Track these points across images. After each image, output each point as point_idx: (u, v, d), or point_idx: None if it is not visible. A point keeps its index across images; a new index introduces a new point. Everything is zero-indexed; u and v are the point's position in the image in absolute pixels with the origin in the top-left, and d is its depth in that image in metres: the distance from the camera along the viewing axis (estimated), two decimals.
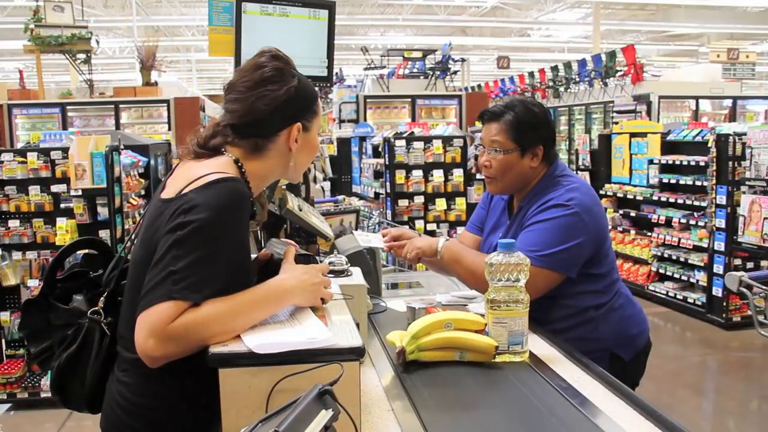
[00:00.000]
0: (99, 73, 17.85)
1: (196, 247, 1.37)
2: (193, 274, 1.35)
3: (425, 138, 6.45)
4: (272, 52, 1.62)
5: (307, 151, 1.67)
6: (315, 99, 1.66)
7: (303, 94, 1.61)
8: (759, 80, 22.34)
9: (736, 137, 6.19)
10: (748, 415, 4.73)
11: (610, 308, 2.28)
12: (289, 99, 1.56)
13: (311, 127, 1.64)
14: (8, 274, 4.59)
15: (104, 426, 1.53)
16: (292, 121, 1.58)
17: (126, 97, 8.73)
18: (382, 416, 1.57)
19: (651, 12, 19.97)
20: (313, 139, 1.67)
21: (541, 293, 2.13)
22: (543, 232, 2.17)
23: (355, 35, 22.55)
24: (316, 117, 1.65)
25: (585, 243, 2.19)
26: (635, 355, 2.32)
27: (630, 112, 11.22)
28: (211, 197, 1.41)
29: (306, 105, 1.62)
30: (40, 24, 8.39)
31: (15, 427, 4.56)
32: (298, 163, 1.66)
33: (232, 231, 1.43)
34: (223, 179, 1.45)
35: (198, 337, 1.33)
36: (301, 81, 1.61)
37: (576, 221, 2.17)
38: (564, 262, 2.15)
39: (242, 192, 1.47)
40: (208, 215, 1.39)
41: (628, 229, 7.92)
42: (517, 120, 2.27)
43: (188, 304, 1.34)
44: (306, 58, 2.91)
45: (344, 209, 3.46)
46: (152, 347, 1.32)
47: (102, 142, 4.50)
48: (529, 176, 2.33)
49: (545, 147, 2.31)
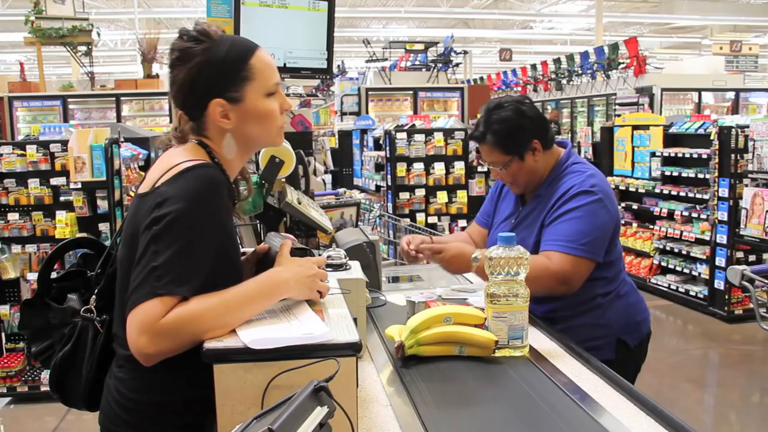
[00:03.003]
0: (100, 65, 17.88)
1: (174, 240, 1.35)
2: (174, 268, 1.33)
3: (426, 131, 6.43)
4: (182, 34, 1.51)
5: (255, 121, 1.52)
6: (237, 64, 1.48)
7: (214, 67, 1.47)
8: (762, 72, 22.29)
9: (738, 130, 6.16)
10: (750, 408, 4.72)
11: (617, 295, 2.31)
12: (194, 79, 1.47)
13: (243, 96, 1.49)
14: (8, 267, 4.59)
15: (102, 421, 1.53)
16: (208, 100, 1.48)
17: (127, 90, 8.74)
18: (380, 411, 1.55)
19: (654, 4, 19.92)
20: (255, 107, 1.50)
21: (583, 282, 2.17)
22: (577, 222, 2.18)
23: (358, 27, 22.54)
24: (249, 82, 1.48)
25: (609, 228, 2.23)
26: (639, 342, 2.35)
27: (632, 104, 11.19)
28: (182, 188, 1.39)
29: (222, 78, 1.47)
30: (40, 16, 8.38)
31: (15, 421, 4.56)
32: (252, 136, 1.55)
33: (207, 218, 1.40)
34: (191, 167, 1.42)
35: (190, 332, 1.31)
36: (211, 54, 1.47)
37: (602, 207, 2.20)
38: (599, 248, 2.19)
39: (212, 177, 1.43)
40: (180, 206, 1.36)
41: (630, 221, 7.90)
42: (499, 136, 2.29)
43: (177, 298, 1.32)
44: (305, 50, 2.89)
45: (345, 202, 3.44)
46: (144, 344, 1.31)
47: (102, 135, 4.48)
48: (541, 168, 2.35)
49: (539, 138, 2.31)
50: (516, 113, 2.29)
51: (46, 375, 4.70)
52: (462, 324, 1.85)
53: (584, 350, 1.92)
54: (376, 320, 2.21)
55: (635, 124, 7.96)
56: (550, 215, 2.26)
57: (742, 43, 17.87)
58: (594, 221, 2.18)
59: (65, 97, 8.64)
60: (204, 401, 1.31)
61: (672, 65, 16.14)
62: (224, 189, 1.47)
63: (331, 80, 12.56)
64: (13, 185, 4.63)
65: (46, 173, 4.66)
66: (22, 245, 4.63)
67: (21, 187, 4.63)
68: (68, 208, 4.60)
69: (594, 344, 2.17)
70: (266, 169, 2.38)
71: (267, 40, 2.75)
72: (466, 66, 15.37)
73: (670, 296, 7.13)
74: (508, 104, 2.32)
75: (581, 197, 2.21)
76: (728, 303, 6.36)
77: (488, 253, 1.84)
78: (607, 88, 12.57)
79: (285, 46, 2.80)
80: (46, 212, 4.66)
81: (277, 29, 2.78)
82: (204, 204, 1.40)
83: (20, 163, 4.62)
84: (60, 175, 4.63)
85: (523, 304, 1.83)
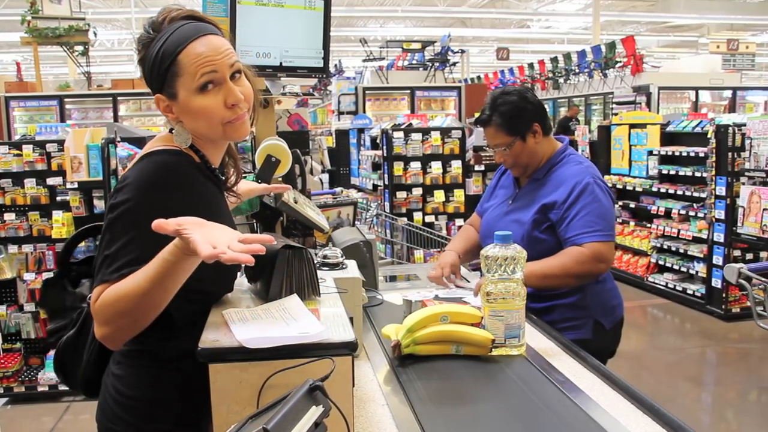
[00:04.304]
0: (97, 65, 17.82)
1: (126, 228, 1.34)
2: (124, 256, 1.33)
3: (423, 129, 6.42)
4: (144, 26, 1.48)
5: (191, 118, 1.45)
6: (166, 60, 1.41)
7: (150, 63, 1.43)
8: (758, 71, 22.33)
9: (735, 128, 6.16)
10: (747, 406, 4.73)
11: (596, 280, 2.48)
12: (145, 74, 1.46)
13: (176, 93, 1.42)
14: (4, 267, 4.58)
15: (99, 418, 1.52)
16: (154, 93, 1.46)
17: (124, 90, 8.71)
18: (376, 411, 1.55)
19: (651, 3, 19.94)
20: (187, 105, 1.43)
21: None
22: (596, 211, 2.37)
23: (355, 27, 22.52)
24: (179, 78, 1.41)
25: (614, 212, 2.51)
26: (614, 325, 2.54)
27: (629, 103, 11.21)
28: (137, 175, 1.38)
29: (155, 74, 1.43)
30: (37, 16, 8.36)
31: (12, 421, 4.55)
32: (197, 131, 1.47)
33: (161, 205, 1.35)
34: (151, 152, 1.41)
35: (114, 312, 1.30)
36: (150, 50, 1.43)
37: (606, 192, 2.44)
38: (614, 229, 2.46)
39: (168, 163, 1.41)
40: (133, 193, 1.35)
41: (628, 220, 7.90)
42: (505, 117, 2.49)
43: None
44: (302, 49, 2.88)
45: (342, 201, 3.43)
46: (96, 330, 1.34)
47: (98, 135, 4.47)
48: (540, 151, 2.54)
49: (539, 122, 2.52)
50: (520, 98, 2.52)
51: (43, 375, 4.69)
52: (459, 323, 1.85)
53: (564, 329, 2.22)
54: (373, 319, 2.21)
55: (632, 123, 7.96)
56: (567, 210, 2.40)
57: (739, 42, 17.89)
58: (608, 207, 2.43)
59: (62, 97, 8.62)
60: (200, 399, 1.31)
61: (669, 64, 16.19)
62: (187, 174, 1.45)
63: (328, 79, 12.56)
64: (10, 185, 4.61)
65: (42, 173, 4.65)
66: (18, 245, 4.61)
67: (17, 187, 4.62)
68: (65, 208, 4.59)
69: (573, 324, 2.43)
70: (262, 169, 2.38)
71: (263, 38, 2.74)
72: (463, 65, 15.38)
73: (667, 295, 7.13)
74: (512, 91, 2.57)
75: (591, 188, 2.40)
76: (725, 301, 6.36)
77: (484, 251, 1.85)
78: (604, 86, 12.60)
79: (281, 45, 2.79)
80: (42, 212, 4.64)
81: (273, 28, 2.77)
82: (158, 191, 1.38)
83: (17, 163, 4.60)
84: (56, 175, 4.62)
85: (519, 302, 1.82)
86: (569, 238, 2.37)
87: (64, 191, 4.59)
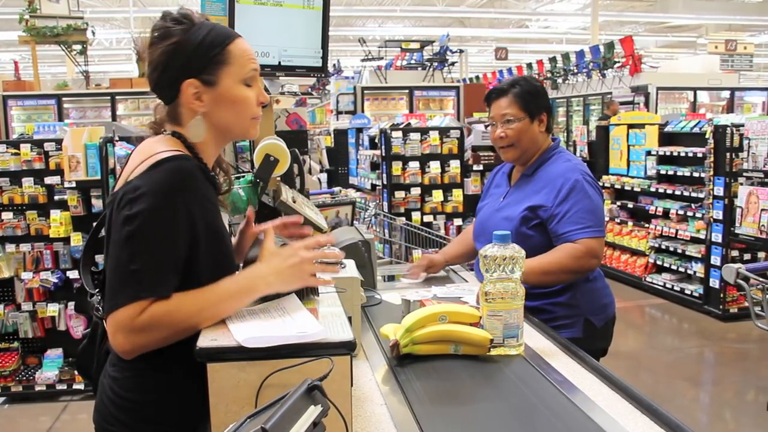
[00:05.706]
0: (95, 64, 17.80)
1: (150, 239, 1.34)
2: (154, 268, 1.33)
3: (422, 129, 6.41)
4: (165, 15, 1.49)
5: (228, 106, 1.49)
6: (215, 48, 1.46)
7: (190, 47, 1.44)
8: (757, 71, 22.32)
9: (733, 128, 6.17)
10: (745, 406, 4.73)
11: (586, 279, 2.52)
12: (169, 58, 1.45)
13: (218, 80, 1.46)
14: (2, 266, 4.57)
15: (96, 419, 1.52)
16: (182, 79, 1.45)
17: (122, 89, 8.68)
18: (374, 410, 1.55)
19: (649, 3, 19.94)
20: (229, 92, 1.48)
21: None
22: (587, 207, 2.42)
23: (353, 26, 22.50)
24: (225, 67, 1.46)
25: (603, 208, 2.56)
26: (605, 323, 2.57)
27: (628, 103, 11.21)
28: (154, 183, 1.36)
29: (197, 58, 1.45)
30: (35, 14, 8.33)
31: (10, 421, 4.55)
32: (224, 122, 1.51)
33: (183, 212, 1.37)
34: (165, 159, 1.39)
35: (165, 329, 1.33)
36: (189, 36, 1.45)
37: (595, 188, 2.51)
38: (604, 224, 2.51)
39: (185, 169, 1.40)
40: (154, 203, 1.34)
41: (626, 220, 7.91)
42: (523, 91, 2.56)
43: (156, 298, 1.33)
44: (300, 49, 2.88)
45: (340, 201, 3.43)
46: (120, 342, 1.33)
47: (96, 134, 4.47)
48: (538, 142, 2.60)
49: (548, 114, 2.62)
50: (541, 87, 2.66)
51: (40, 375, 4.69)
52: (457, 323, 1.85)
53: (555, 328, 2.20)
54: (371, 319, 2.21)
55: (631, 123, 7.97)
56: (558, 207, 2.43)
57: (737, 42, 17.89)
58: (598, 203, 2.48)
59: (60, 96, 8.59)
60: (198, 400, 1.31)
61: (667, 64, 16.20)
62: (199, 181, 1.45)
63: (326, 79, 12.54)
64: (7, 184, 4.61)
65: (40, 172, 4.64)
66: (16, 244, 4.61)
67: (15, 186, 4.61)
68: (63, 207, 4.58)
69: (564, 322, 2.45)
70: (261, 168, 2.37)
71: (261, 38, 2.74)
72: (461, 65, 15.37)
73: (665, 295, 7.14)
74: (535, 80, 2.74)
75: (582, 185, 2.44)
76: (723, 301, 6.37)
77: (483, 251, 1.85)
78: (603, 87, 12.61)
79: (279, 44, 2.79)
80: (40, 211, 4.64)
81: (271, 27, 2.77)
82: (178, 198, 1.37)
83: (14, 162, 4.60)
84: (54, 174, 4.61)
85: (518, 302, 1.82)
86: (562, 234, 2.40)
87: (62, 190, 4.59)
